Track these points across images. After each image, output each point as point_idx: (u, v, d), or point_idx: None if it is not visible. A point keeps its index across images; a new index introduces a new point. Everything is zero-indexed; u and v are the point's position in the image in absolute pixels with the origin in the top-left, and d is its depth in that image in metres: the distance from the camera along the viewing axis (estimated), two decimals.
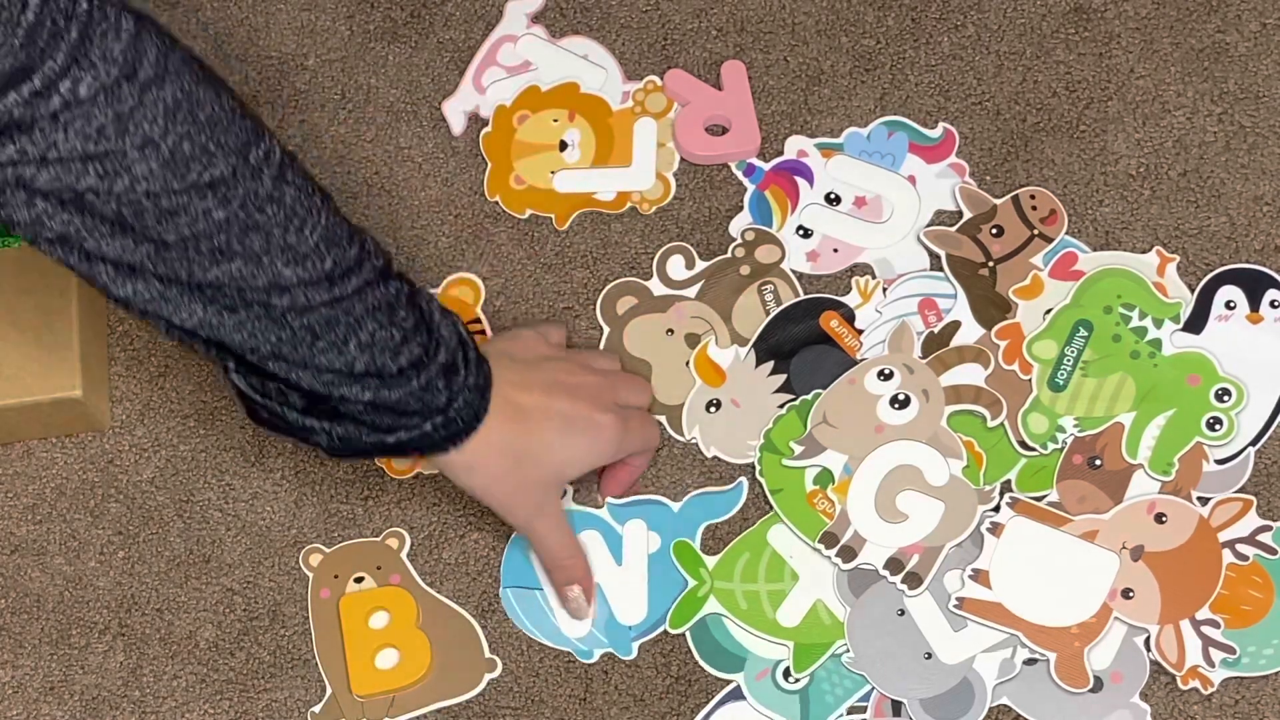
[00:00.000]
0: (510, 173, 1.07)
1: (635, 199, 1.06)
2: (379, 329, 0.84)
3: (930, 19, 1.09)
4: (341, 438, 0.87)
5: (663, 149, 1.07)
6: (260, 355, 0.83)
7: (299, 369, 0.83)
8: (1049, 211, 1.03)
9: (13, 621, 0.99)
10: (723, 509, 0.98)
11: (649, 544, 0.98)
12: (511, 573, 0.98)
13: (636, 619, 0.96)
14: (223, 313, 0.81)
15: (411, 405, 0.86)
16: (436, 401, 0.86)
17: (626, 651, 0.96)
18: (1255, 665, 0.92)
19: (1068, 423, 0.97)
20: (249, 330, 0.82)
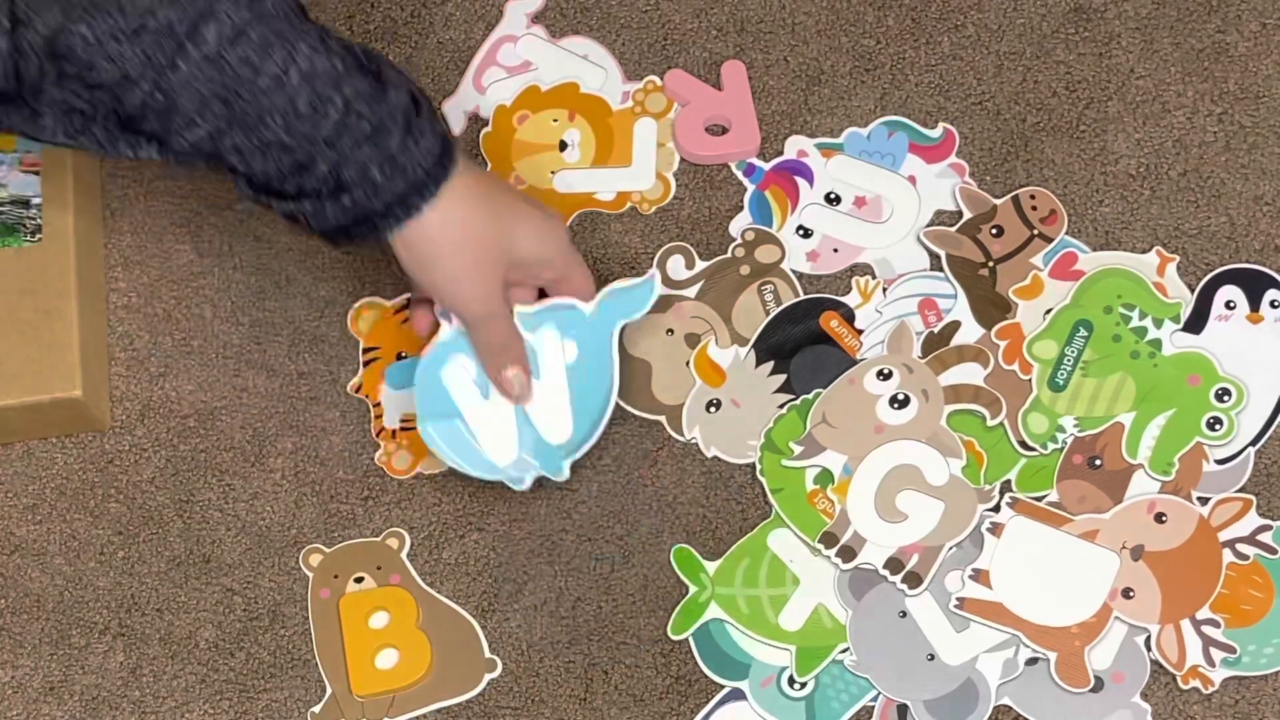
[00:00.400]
0: (510, 173, 1.07)
1: (635, 199, 1.06)
2: (315, 55, 0.83)
3: (930, 19, 1.09)
4: (312, 213, 0.86)
5: (663, 149, 1.07)
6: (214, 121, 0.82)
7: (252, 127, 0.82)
8: (1049, 211, 1.03)
9: (13, 621, 0.99)
10: (637, 305, 0.95)
11: (565, 354, 0.95)
12: (428, 403, 0.94)
13: (563, 437, 0.94)
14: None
15: (372, 157, 0.84)
16: (393, 148, 0.85)
17: (557, 470, 0.94)
18: (1255, 665, 0.92)
19: (1068, 423, 0.97)
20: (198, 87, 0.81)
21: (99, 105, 0.81)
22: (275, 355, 1.04)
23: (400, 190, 0.86)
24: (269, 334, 1.05)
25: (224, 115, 0.82)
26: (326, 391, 1.03)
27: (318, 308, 1.05)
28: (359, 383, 1.03)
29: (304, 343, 1.04)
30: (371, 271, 1.06)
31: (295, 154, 0.83)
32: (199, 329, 1.05)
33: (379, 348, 1.04)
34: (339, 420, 1.02)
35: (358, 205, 0.86)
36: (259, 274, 1.06)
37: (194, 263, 1.07)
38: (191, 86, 0.80)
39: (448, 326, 0.94)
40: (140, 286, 1.06)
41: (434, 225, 0.88)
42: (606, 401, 0.94)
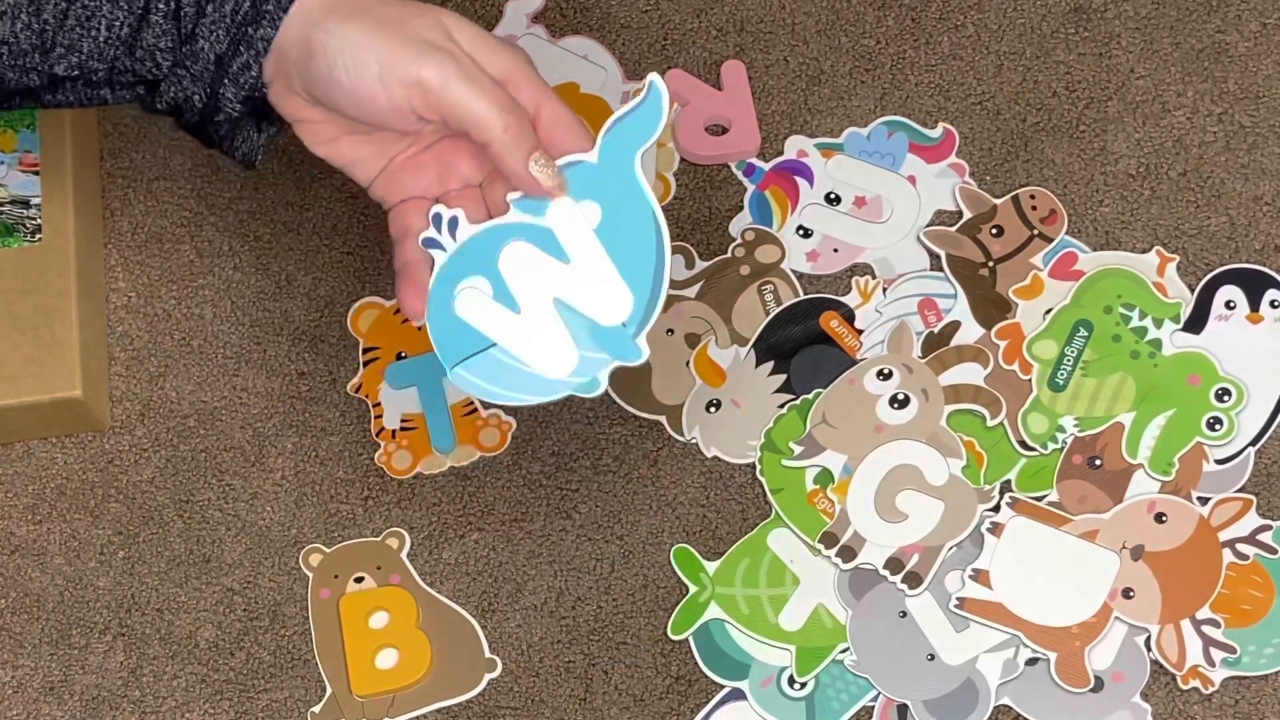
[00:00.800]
0: None
1: None
2: None
3: (930, 19, 1.09)
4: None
5: (663, 149, 1.07)
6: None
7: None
8: (1049, 211, 1.03)
9: (13, 621, 0.99)
10: (648, 125, 0.81)
11: (587, 218, 0.81)
12: (451, 346, 0.83)
13: (624, 313, 0.81)
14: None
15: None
16: None
17: (635, 355, 0.81)
18: (1256, 665, 0.92)
19: (1068, 422, 0.97)
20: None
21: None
22: (275, 355, 1.04)
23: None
24: (269, 334, 1.05)
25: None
26: (326, 391, 1.03)
27: (318, 308, 1.05)
28: (359, 383, 1.03)
29: (304, 343, 1.04)
30: (371, 271, 1.06)
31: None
32: (199, 329, 1.05)
33: (379, 348, 1.04)
34: (339, 420, 1.02)
35: (228, 13, 0.79)
36: (259, 274, 1.06)
37: (194, 263, 1.07)
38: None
39: (442, 254, 0.83)
40: (140, 286, 1.06)
41: (314, 4, 0.78)
42: (660, 248, 0.80)
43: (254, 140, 0.87)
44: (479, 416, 1.01)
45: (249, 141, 0.87)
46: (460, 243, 0.83)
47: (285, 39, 0.79)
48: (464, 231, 0.83)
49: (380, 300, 1.05)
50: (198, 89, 0.82)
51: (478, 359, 0.82)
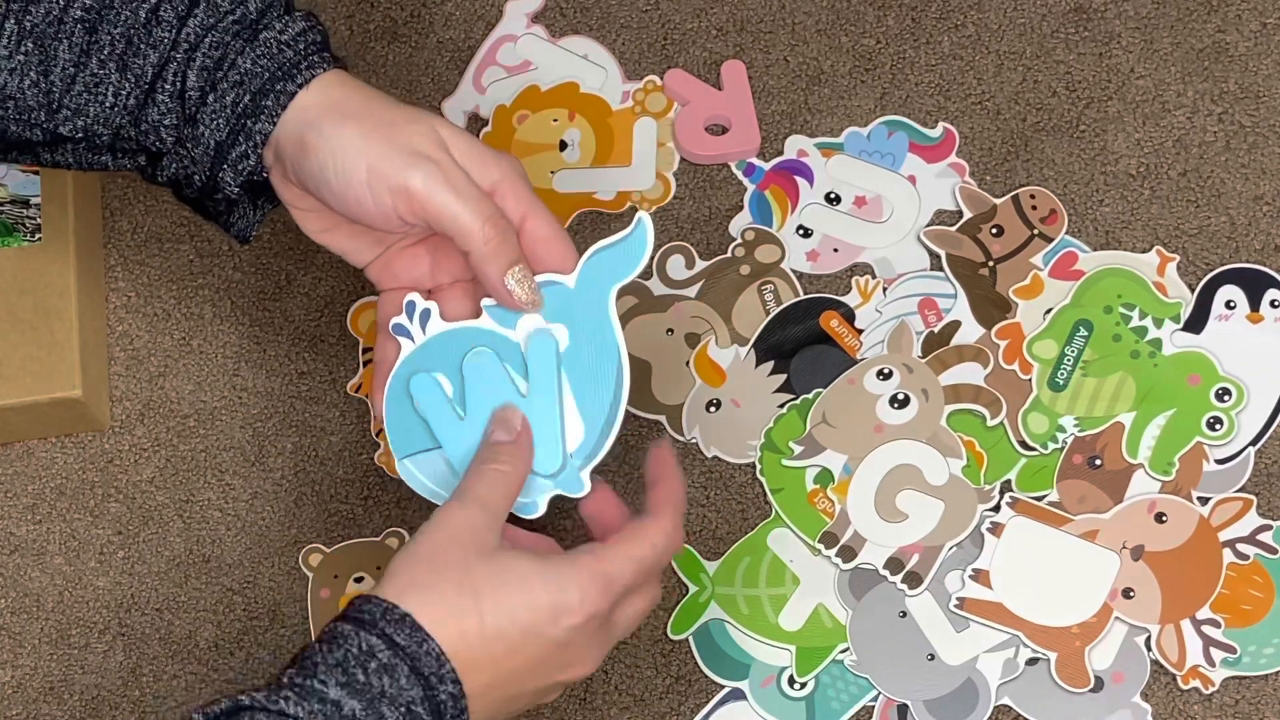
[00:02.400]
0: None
1: (635, 199, 1.06)
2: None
3: (930, 19, 1.09)
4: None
5: (663, 149, 1.07)
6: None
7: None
8: (1049, 211, 1.03)
9: (13, 621, 0.99)
10: (629, 261, 0.80)
11: (559, 341, 0.81)
12: (400, 440, 0.83)
13: (574, 442, 0.81)
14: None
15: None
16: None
17: (578, 488, 0.82)
18: (1256, 665, 0.92)
19: (1068, 422, 0.97)
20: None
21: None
22: (275, 355, 1.04)
23: (268, 71, 0.80)
24: (269, 334, 1.05)
25: (93, 45, 0.80)
26: (326, 391, 1.03)
27: (318, 308, 1.05)
28: (359, 383, 1.03)
29: (304, 343, 1.04)
30: None
31: (164, 73, 0.80)
32: (199, 329, 1.05)
33: None
34: (339, 420, 1.02)
35: (228, 108, 0.80)
36: (259, 274, 1.06)
37: (194, 263, 1.07)
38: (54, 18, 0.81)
39: (409, 343, 0.83)
40: (140, 286, 1.06)
41: (316, 106, 0.79)
42: (618, 387, 0.80)
43: (250, 218, 0.88)
44: None
45: (245, 219, 0.88)
46: (428, 336, 0.82)
47: (281, 134, 0.81)
48: (435, 326, 0.82)
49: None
50: (198, 170, 0.83)
51: (424, 457, 0.83)
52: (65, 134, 0.82)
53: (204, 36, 0.81)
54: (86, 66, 0.81)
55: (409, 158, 0.78)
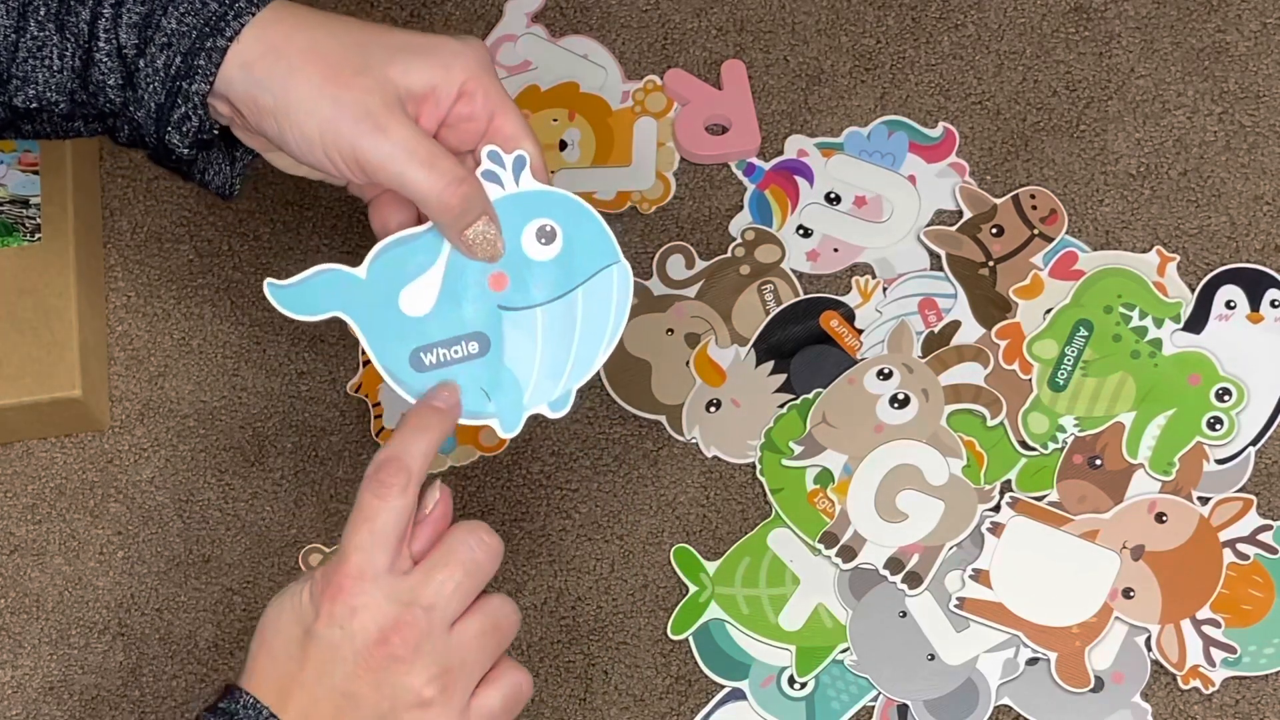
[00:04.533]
0: None
1: (635, 199, 1.06)
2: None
3: (930, 19, 1.09)
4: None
5: (663, 149, 1.07)
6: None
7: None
8: (1049, 211, 1.03)
9: (13, 621, 0.99)
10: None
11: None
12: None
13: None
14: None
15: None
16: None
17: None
18: (1256, 665, 0.92)
19: (1068, 422, 0.97)
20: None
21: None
22: (275, 355, 1.04)
23: (195, 27, 0.76)
24: (269, 334, 1.05)
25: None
26: (326, 391, 1.03)
27: None
28: (359, 382, 1.03)
29: (304, 343, 1.04)
30: None
31: (91, 42, 0.76)
32: (198, 328, 1.05)
33: None
34: (339, 420, 1.02)
35: (160, 70, 0.77)
36: (259, 274, 1.06)
37: (194, 263, 1.07)
38: None
39: (498, 190, 0.79)
40: (140, 286, 1.06)
41: (262, 59, 0.75)
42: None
43: (226, 171, 0.84)
44: None
45: (221, 173, 0.84)
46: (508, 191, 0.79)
47: (233, 92, 0.77)
48: (526, 181, 0.80)
49: None
50: (146, 132, 0.80)
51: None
52: (21, 106, 0.79)
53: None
54: (26, 30, 0.78)
55: (357, 124, 0.75)
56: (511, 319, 0.80)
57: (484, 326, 0.79)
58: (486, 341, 0.80)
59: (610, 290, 0.80)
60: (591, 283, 0.80)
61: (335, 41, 0.76)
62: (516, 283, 0.79)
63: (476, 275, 0.79)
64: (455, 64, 0.78)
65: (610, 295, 0.80)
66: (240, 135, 0.82)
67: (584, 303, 0.80)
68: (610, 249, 0.80)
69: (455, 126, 0.79)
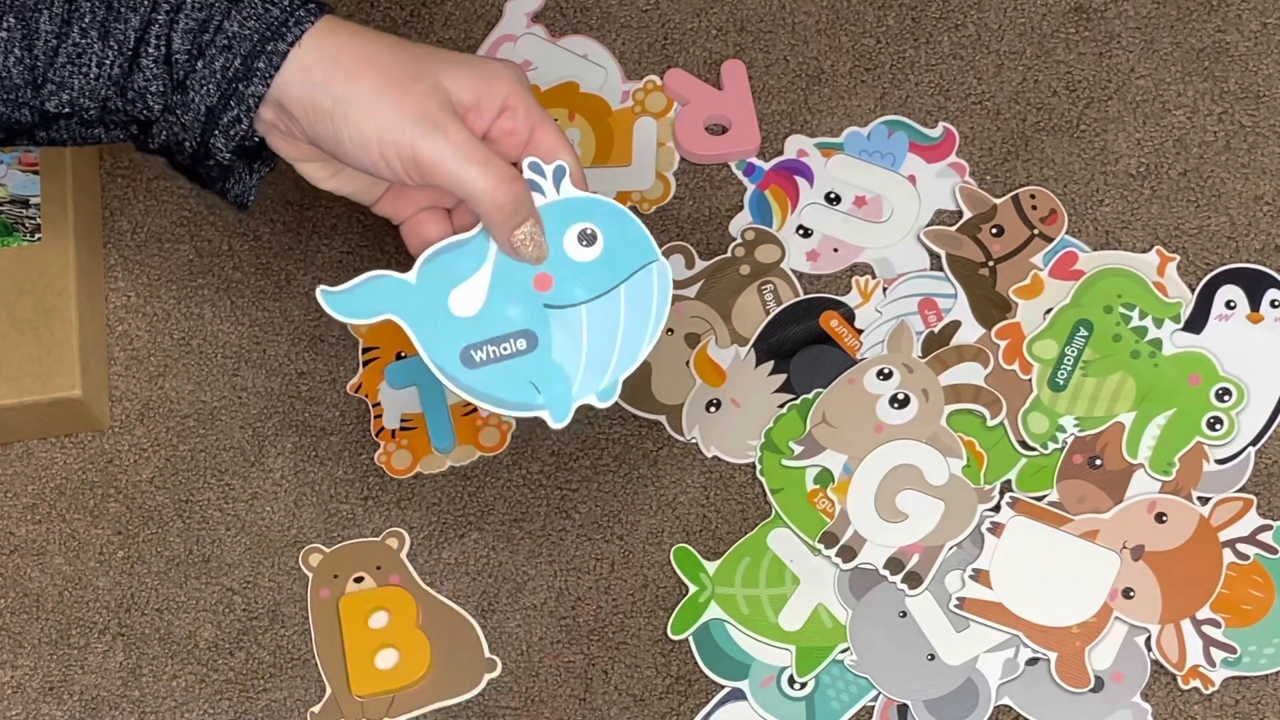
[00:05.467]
0: None
1: (635, 198, 1.06)
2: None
3: (930, 19, 1.09)
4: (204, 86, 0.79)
5: (663, 149, 1.07)
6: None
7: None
8: (1049, 211, 1.03)
9: (13, 621, 0.99)
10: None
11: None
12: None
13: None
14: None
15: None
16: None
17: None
18: (1256, 665, 0.92)
19: (1068, 422, 0.97)
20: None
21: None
22: (275, 355, 1.04)
23: (257, 33, 0.78)
24: (269, 334, 1.05)
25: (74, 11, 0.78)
26: (326, 391, 1.03)
27: (317, 308, 1.05)
28: (359, 382, 1.03)
29: (304, 343, 1.04)
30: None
31: (147, 38, 0.78)
32: (198, 328, 1.05)
33: (378, 347, 1.04)
34: (339, 420, 1.02)
35: (219, 73, 0.78)
36: (259, 274, 1.06)
37: (194, 263, 1.07)
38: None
39: (540, 198, 0.83)
40: (140, 286, 1.06)
41: (319, 64, 0.78)
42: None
43: (247, 182, 0.86)
44: (479, 416, 1.01)
45: (242, 183, 0.86)
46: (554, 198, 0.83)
47: (288, 95, 0.79)
48: (566, 190, 0.83)
49: None
50: (188, 135, 0.82)
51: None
52: (52, 110, 0.81)
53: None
54: (68, 37, 0.79)
55: (416, 125, 0.78)
56: (558, 316, 0.83)
57: (531, 324, 0.83)
58: (534, 338, 0.83)
59: (651, 286, 0.84)
60: (633, 280, 0.83)
61: (389, 52, 0.80)
62: (561, 283, 0.83)
63: (522, 277, 0.83)
64: (498, 80, 0.82)
65: (651, 291, 0.84)
66: (278, 144, 0.83)
67: (627, 299, 0.83)
68: (649, 248, 0.84)
69: (498, 140, 0.83)
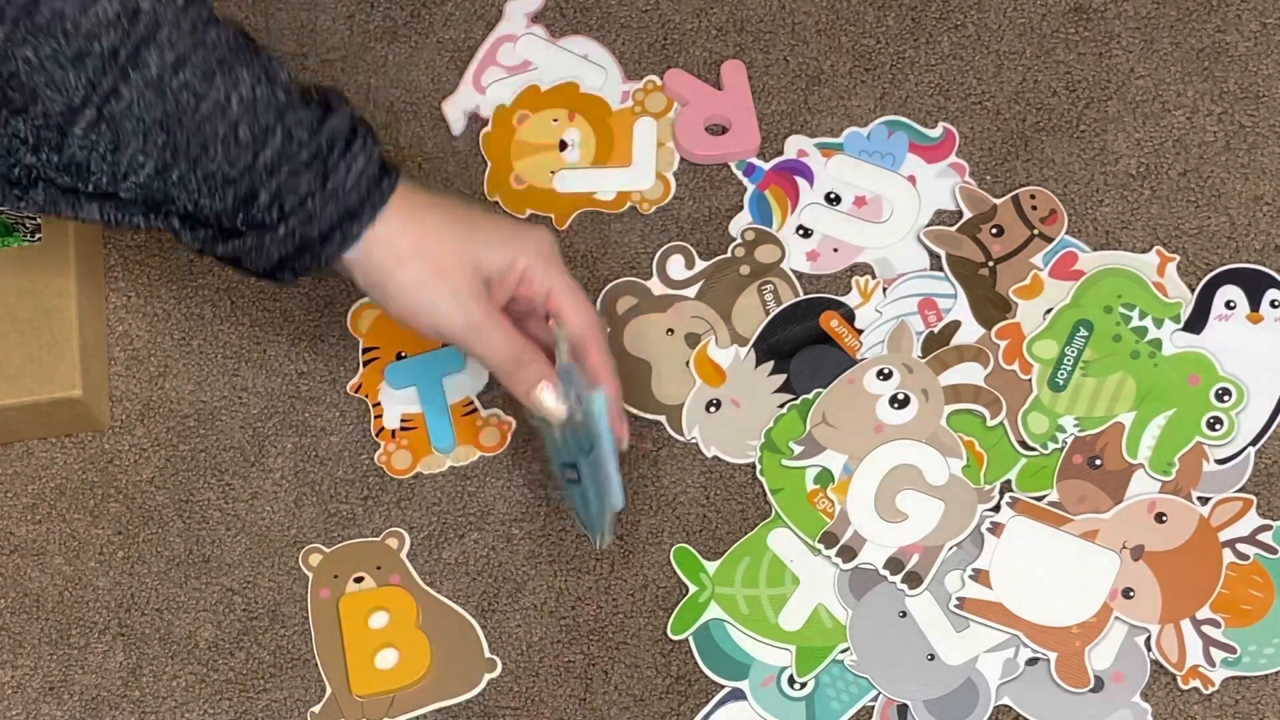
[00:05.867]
0: (510, 173, 1.07)
1: (635, 199, 1.06)
2: (258, 85, 0.83)
3: (930, 19, 1.09)
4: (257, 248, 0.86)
5: (662, 149, 1.07)
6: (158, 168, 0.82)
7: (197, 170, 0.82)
8: (1049, 211, 1.03)
9: (13, 621, 0.99)
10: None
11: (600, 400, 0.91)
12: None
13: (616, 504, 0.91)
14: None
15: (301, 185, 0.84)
16: (332, 164, 0.85)
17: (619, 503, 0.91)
18: (1256, 665, 0.92)
19: (1068, 422, 0.97)
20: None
21: (42, 147, 0.81)
22: (275, 355, 1.04)
23: (335, 216, 0.85)
24: (269, 334, 1.05)
25: (168, 147, 0.81)
26: (326, 391, 1.03)
27: (318, 308, 1.05)
28: (359, 382, 1.03)
29: (304, 343, 1.04)
30: None
31: (237, 186, 0.83)
32: (199, 328, 1.05)
33: (379, 347, 1.04)
34: (339, 420, 1.02)
35: (297, 235, 0.85)
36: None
37: (194, 263, 1.07)
38: (134, 114, 0.80)
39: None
40: (140, 286, 1.06)
41: (379, 244, 0.86)
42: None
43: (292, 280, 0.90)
44: (479, 416, 1.01)
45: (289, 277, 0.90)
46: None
47: (353, 261, 0.87)
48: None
49: None
50: (254, 262, 0.86)
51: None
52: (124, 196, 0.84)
53: (280, 165, 0.83)
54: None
55: (451, 311, 0.88)
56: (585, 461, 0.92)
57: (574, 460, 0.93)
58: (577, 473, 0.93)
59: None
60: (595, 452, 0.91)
61: (437, 238, 0.88)
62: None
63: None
64: (522, 254, 0.90)
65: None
66: (357, 283, 0.89)
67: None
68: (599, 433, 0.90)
69: (521, 293, 0.91)
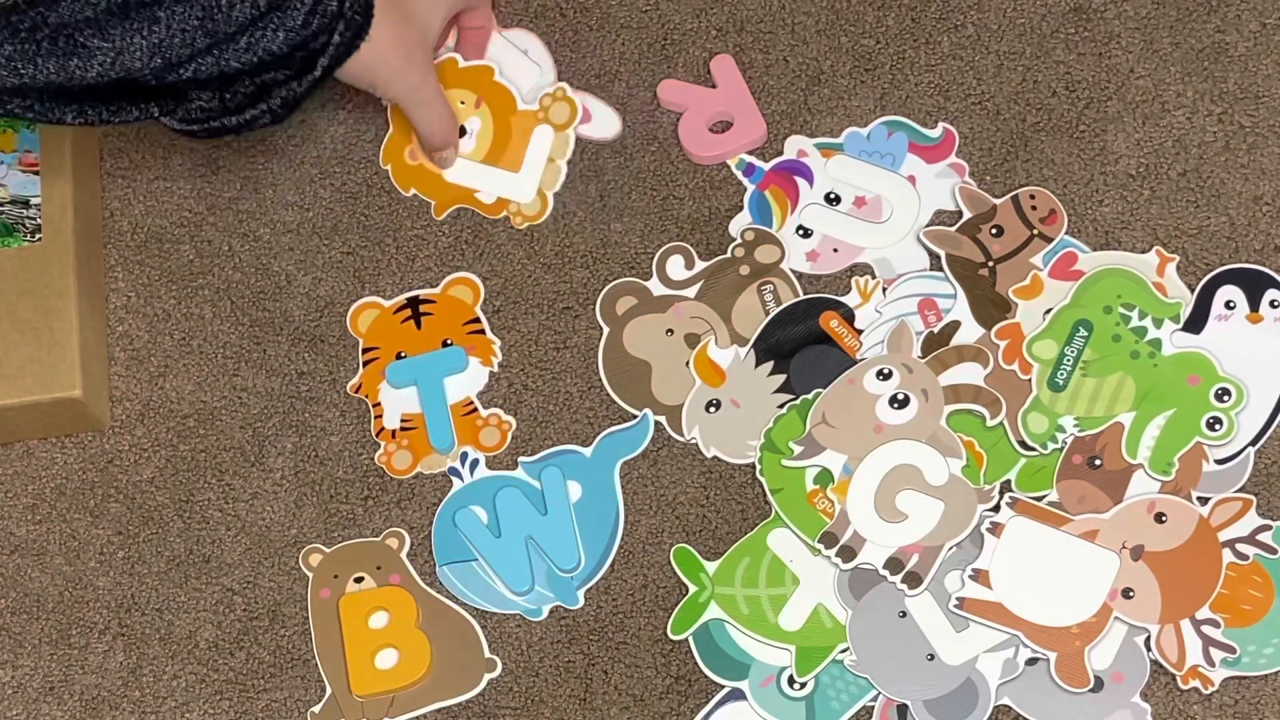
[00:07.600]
0: (408, 145, 1.07)
1: (512, 209, 1.05)
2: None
3: (930, 19, 1.09)
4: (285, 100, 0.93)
5: (551, 165, 1.06)
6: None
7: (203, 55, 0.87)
8: (1049, 211, 1.03)
9: (13, 621, 0.99)
10: (633, 444, 1.00)
11: (570, 492, 0.99)
12: (444, 550, 0.99)
13: (574, 566, 0.98)
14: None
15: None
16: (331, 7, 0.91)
17: (573, 601, 0.97)
18: (1255, 665, 0.92)
19: (1068, 422, 0.97)
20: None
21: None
22: (275, 355, 1.04)
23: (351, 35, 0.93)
24: (269, 334, 1.05)
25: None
26: (326, 391, 1.03)
27: (318, 308, 1.05)
28: (359, 383, 1.03)
29: (304, 343, 1.04)
30: (371, 271, 1.06)
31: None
32: (199, 329, 1.05)
33: (379, 347, 1.04)
34: (339, 420, 1.02)
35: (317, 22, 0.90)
36: (259, 274, 1.06)
37: (194, 263, 1.07)
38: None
39: (458, 482, 1.00)
40: (140, 286, 1.06)
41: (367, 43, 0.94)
42: (614, 533, 0.98)
43: (296, 91, 0.94)
44: (479, 416, 1.01)
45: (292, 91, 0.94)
46: (473, 479, 1.00)
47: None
48: (479, 473, 1.00)
49: (380, 300, 1.05)
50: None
51: (460, 566, 0.98)
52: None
53: None
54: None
55: (427, 78, 1.00)
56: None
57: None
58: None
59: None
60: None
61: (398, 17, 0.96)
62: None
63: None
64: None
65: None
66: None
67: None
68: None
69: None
